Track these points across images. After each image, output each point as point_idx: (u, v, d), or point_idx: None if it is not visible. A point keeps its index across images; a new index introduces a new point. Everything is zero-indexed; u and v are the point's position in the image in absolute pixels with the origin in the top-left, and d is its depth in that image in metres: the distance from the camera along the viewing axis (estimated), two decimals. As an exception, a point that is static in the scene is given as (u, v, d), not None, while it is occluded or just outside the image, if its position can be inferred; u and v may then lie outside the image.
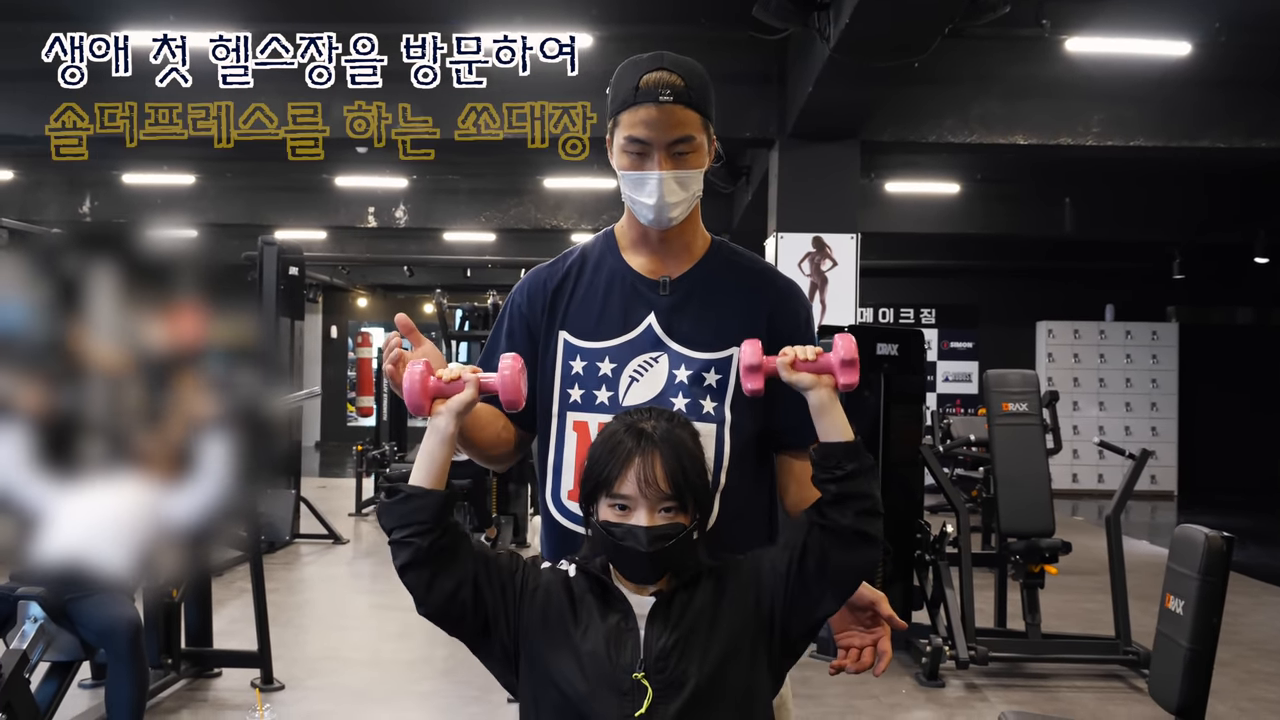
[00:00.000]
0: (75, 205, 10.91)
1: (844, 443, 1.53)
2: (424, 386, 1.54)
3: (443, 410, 1.55)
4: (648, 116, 1.68)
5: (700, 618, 1.51)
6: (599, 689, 1.47)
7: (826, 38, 5.45)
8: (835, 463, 1.52)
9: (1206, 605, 2.61)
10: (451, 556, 1.51)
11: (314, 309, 17.54)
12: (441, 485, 1.53)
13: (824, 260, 7.30)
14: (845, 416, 1.55)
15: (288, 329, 8.60)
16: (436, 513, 1.50)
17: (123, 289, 2.74)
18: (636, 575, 1.51)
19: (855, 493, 1.51)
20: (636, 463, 1.49)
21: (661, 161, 1.69)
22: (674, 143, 1.69)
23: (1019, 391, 5.45)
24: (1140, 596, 5.29)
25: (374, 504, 10.00)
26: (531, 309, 1.81)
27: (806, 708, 4.44)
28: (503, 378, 1.56)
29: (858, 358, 1.53)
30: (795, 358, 1.55)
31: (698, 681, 1.47)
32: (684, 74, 1.69)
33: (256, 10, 6.22)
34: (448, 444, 1.54)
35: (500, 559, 1.57)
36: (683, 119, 1.69)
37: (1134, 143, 7.30)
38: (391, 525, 1.51)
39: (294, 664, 4.95)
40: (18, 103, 7.07)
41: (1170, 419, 13.02)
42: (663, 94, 1.67)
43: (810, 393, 1.54)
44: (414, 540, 1.49)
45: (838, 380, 1.55)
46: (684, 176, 1.71)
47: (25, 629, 3.26)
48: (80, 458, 2.72)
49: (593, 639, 1.49)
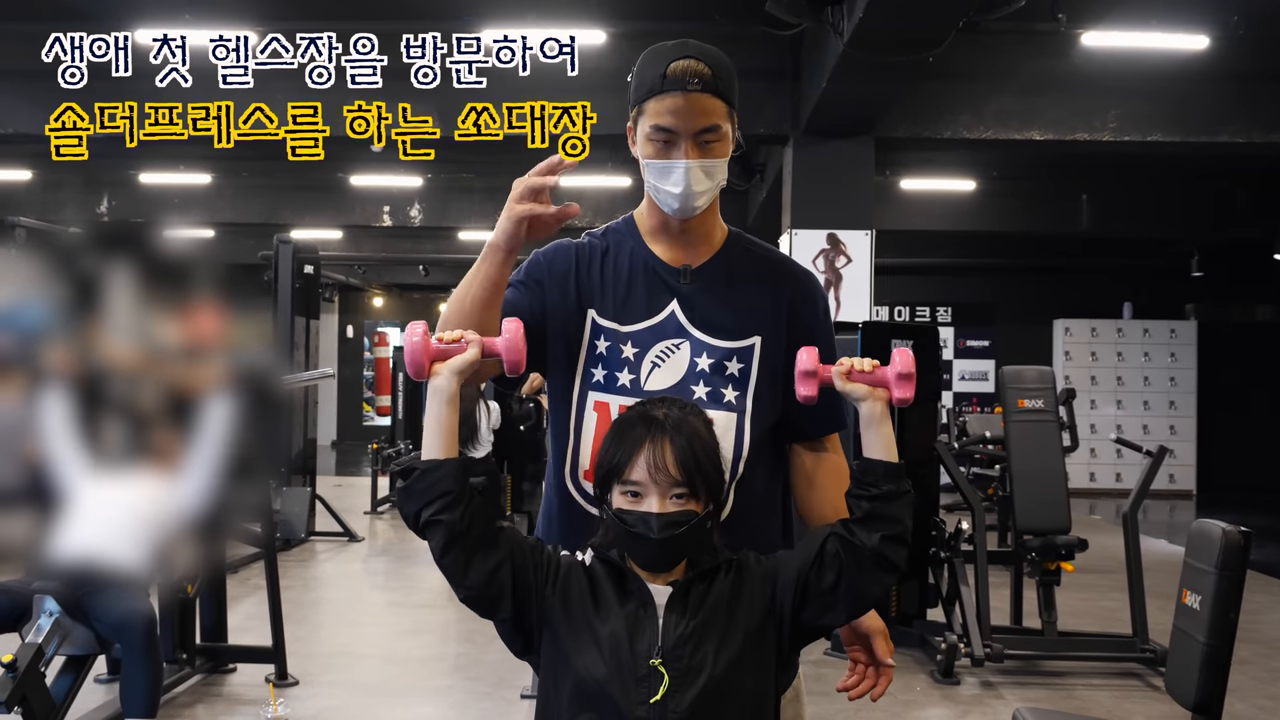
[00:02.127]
0: (93, 205, 10.99)
1: (887, 462, 1.51)
2: (425, 347, 1.51)
3: (443, 370, 1.52)
4: (675, 105, 1.66)
5: (718, 608, 1.50)
6: (616, 674, 1.47)
7: (840, 33, 5.43)
8: (873, 480, 1.50)
9: (1224, 600, 2.57)
10: (485, 533, 1.50)
11: (330, 308, 17.61)
12: (455, 453, 1.51)
13: (838, 257, 7.28)
14: (894, 436, 1.52)
15: (303, 328, 8.64)
16: (458, 479, 1.49)
17: (139, 288, 2.76)
18: (649, 562, 1.51)
19: (886, 515, 1.49)
20: (647, 449, 1.49)
21: (688, 150, 1.68)
22: (701, 131, 1.68)
23: (1035, 388, 5.41)
24: (1158, 595, 5.25)
25: (390, 501, 10.03)
26: (551, 269, 1.79)
27: (820, 704, 4.42)
28: (505, 340, 1.53)
29: (915, 372, 1.51)
30: (852, 368, 1.53)
31: (713, 670, 1.47)
32: (711, 62, 1.68)
33: (260, 10, 6.25)
34: (452, 404, 1.52)
35: (529, 539, 1.57)
36: (710, 108, 1.67)
37: (1151, 138, 7.25)
38: (417, 507, 1.49)
39: (309, 659, 4.96)
40: (35, 102, 7.12)
41: (1189, 417, 12.93)
42: (690, 83, 1.65)
43: (863, 404, 1.52)
44: (444, 516, 1.47)
45: (893, 394, 1.52)
46: (710, 166, 1.70)
47: (41, 623, 3.27)
48: (99, 449, 2.74)
49: (612, 624, 1.49)
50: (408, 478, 1.50)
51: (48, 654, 3.27)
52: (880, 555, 1.49)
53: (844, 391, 1.53)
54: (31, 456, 2.72)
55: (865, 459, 1.52)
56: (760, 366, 1.73)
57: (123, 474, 2.76)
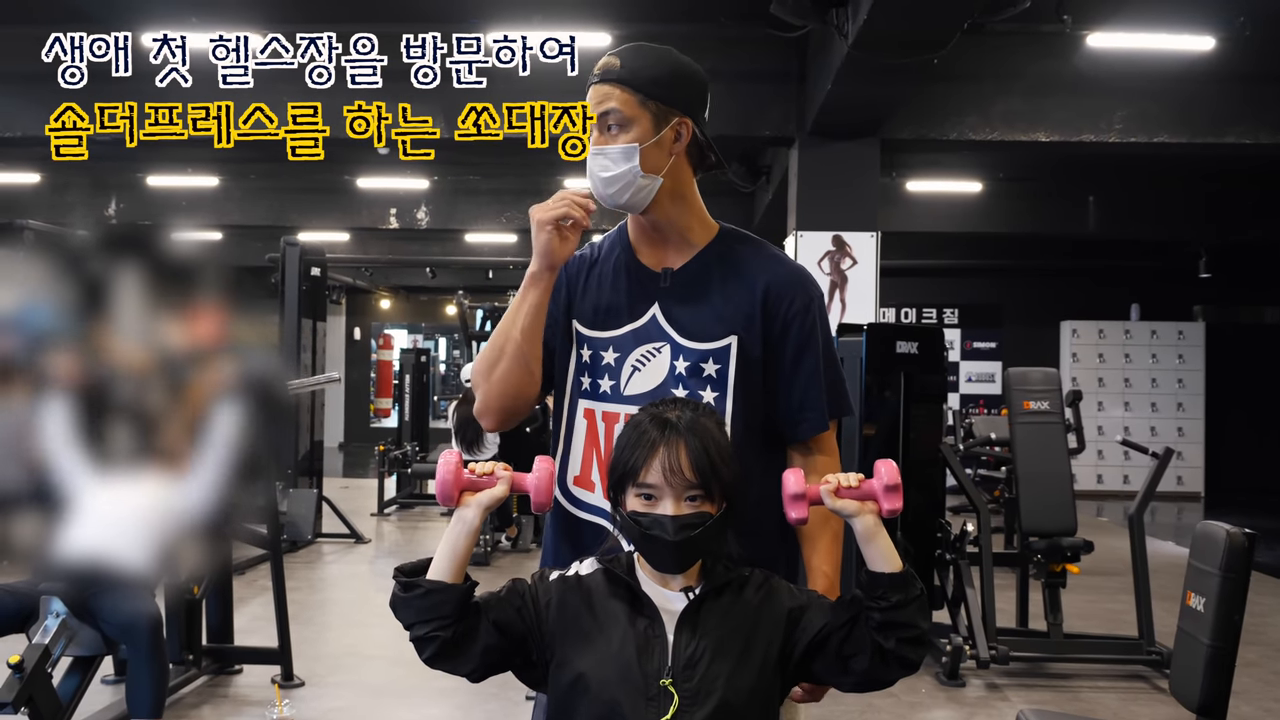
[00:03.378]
0: (101, 207, 11.03)
1: (891, 574, 1.50)
2: (456, 478, 1.53)
3: (471, 503, 1.54)
4: (590, 95, 1.78)
5: (735, 632, 1.51)
6: (625, 694, 1.47)
7: (845, 34, 5.43)
8: (881, 593, 1.49)
9: (1228, 602, 2.57)
10: (470, 632, 1.53)
11: (337, 311, 17.65)
12: (461, 579, 1.53)
13: (844, 259, 7.28)
14: (892, 544, 1.52)
15: (310, 330, 8.66)
16: (458, 607, 1.51)
17: (147, 290, 2.77)
18: (664, 565, 1.51)
19: (900, 622, 1.49)
20: (661, 452, 1.49)
21: (596, 138, 1.77)
22: (601, 117, 1.75)
23: (1040, 390, 5.40)
24: (1165, 598, 5.23)
25: (397, 503, 10.05)
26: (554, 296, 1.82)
27: (825, 706, 4.40)
28: (536, 479, 1.55)
29: (900, 483, 1.51)
30: (839, 485, 1.53)
31: (724, 692, 1.46)
32: (625, 57, 1.75)
33: (260, 10, 6.25)
34: (472, 536, 1.54)
35: (504, 594, 1.57)
36: (606, 94, 1.75)
37: (1157, 139, 7.24)
38: (411, 620, 1.53)
39: (315, 661, 4.97)
40: (41, 105, 7.12)
41: (1197, 419, 12.88)
42: (595, 75, 1.77)
43: (855, 520, 1.52)
44: (438, 634, 1.51)
45: (881, 506, 1.52)
46: (607, 151, 1.74)
47: (48, 624, 3.28)
48: (105, 451, 2.75)
49: (619, 643, 1.49)
50: (409, 591, 1.53)
51: (54, 655, 3.28)
52: (899, 657, 1.50)
53: (834, 510, 1.53)
54: (39, 458, 2.74)
55: (871, 573, 1.52)
56: (737, 367, 1.74)
57: (129, 475, 2.77)
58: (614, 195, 1.75)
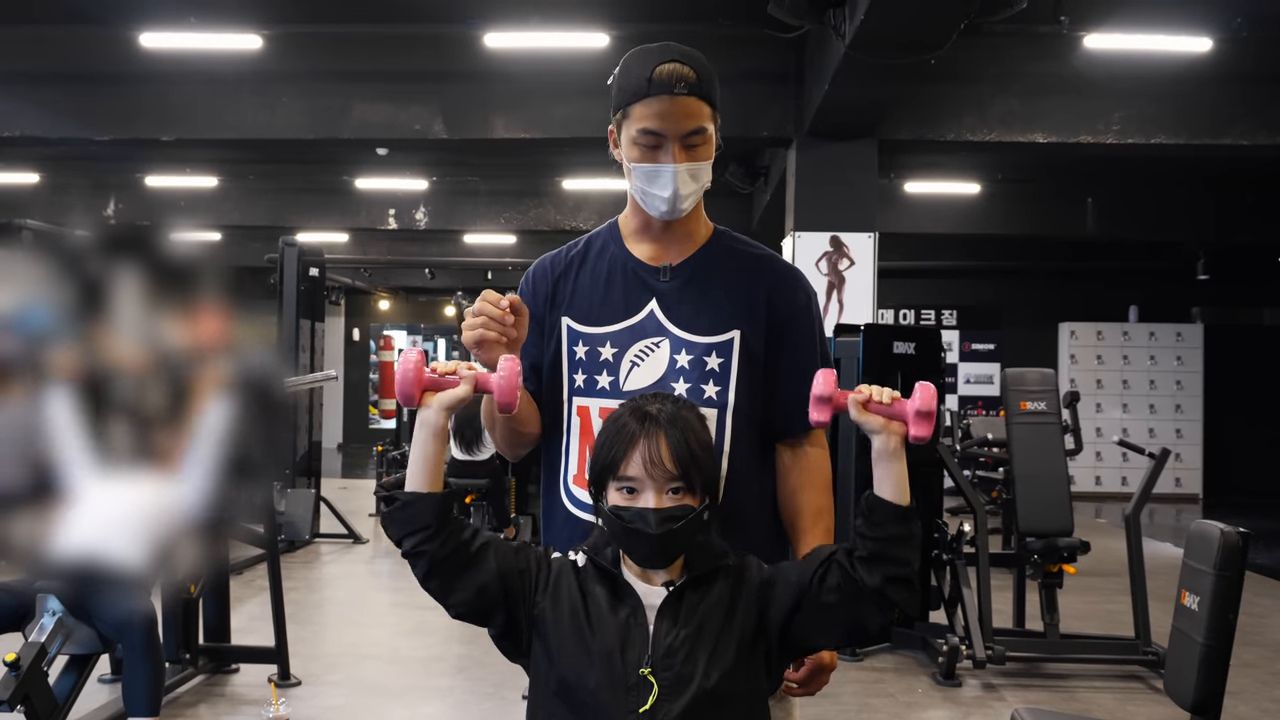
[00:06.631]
0: (100, 207, 11.03)
1: (896, 505, 1.47)
2: (417, 376, 1.50)
3: (432, 403, 1.52)
4: (662, 109, 1.68)
5: (712, 617, 1.49)
6: (605, 682, 1.46)
7: (842, 35, 5.43)
8: (880, 520, 1.47)
9: (1222, 601, 2.58)
10: (467, 556, 1.51)
11: (336, 312, 17.65)
12: (438, 486, 1.51)
13: (842, 260, 7.28)
14: (906, 475, 1.48)
15: (308, 331, 8.66)
16: (438, 513, 1.49)
17: (145, 290, 2.77)
18: (646, 559, 1.50)
19: (892, 557, 1.46)
20: (641, 444, 1.48)
21: (676, 154, 1.69)
22: (688, 135, 1.69)
23: (1037, 390, 5.41)
24: (1163, 599, 5.22)
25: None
26: (535, 297, 1.81)
27: (821, 706, 4.42)
28: (499, 379, 1.51)
29: (935, 410, 1.45)
30: (870, 398, 1.48)
31: (703, 680, 1.45)
32: (695, 66, 1.70)
33: (261, 11, 6.26)
34: (439, 437, 1.52)
35: (519, 548, 1.56)
36: (695, 111, 1.69)
37: (1155, 140, 7.24)
38: (399, 535, 1.51)
39: (312, 660, 4.98)
40: (42, 105, 7.16)
41: (1195, 421, 12.88)
42: (677, 86, 1.67)
43: (877, 437, 1.47)
44: (425, 548, 1.49)
45: (910, 430, 1.46)
46: (696, 169, 1.72)
47: (44, 622, 3.29)
48: (102, 449, 2.75)
49: (601, 631, 1.48)
50: (390, 504, 1.52)
51: (50, 653, 3.28)
52: (881, 595, 1.47)
53: (858, 421, 1.48)
54: (36, 456, 2.74)
55: (874, 496, 1.48)
56: (740, 361, 1.74)
57: (126, 474, 2.78)
58: (685, 208, 1.74)
